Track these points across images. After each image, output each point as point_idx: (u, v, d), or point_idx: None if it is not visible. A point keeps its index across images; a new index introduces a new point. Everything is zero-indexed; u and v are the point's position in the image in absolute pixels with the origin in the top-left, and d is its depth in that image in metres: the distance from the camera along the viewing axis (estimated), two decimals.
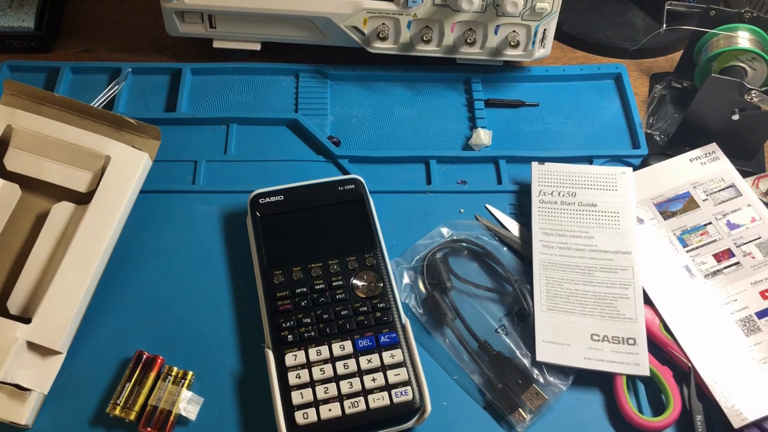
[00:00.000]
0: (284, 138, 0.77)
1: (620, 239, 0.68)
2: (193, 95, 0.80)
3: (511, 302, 0.66)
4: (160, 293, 0.66)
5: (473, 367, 0.62)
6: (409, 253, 0.68)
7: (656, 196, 0.72)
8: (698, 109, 0.73)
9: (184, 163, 0.74)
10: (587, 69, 0.84)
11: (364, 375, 0.59)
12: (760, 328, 0.64)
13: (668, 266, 0.68)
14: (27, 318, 0.59)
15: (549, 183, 0.72)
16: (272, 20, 0.79)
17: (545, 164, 0.73)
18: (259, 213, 0.67)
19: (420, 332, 0.64)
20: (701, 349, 0.63)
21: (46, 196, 0.67)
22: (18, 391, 0.57)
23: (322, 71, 0.82)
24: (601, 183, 0.71)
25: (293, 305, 0.62)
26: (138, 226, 0.68)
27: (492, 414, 0.61)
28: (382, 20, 0.77)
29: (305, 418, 0.57)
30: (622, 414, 0.60)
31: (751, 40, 0.74)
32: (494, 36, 0.78)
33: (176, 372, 0.60)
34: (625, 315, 0.64)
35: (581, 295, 0.65)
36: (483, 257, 0.69)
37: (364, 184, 0.69)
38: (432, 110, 0.81)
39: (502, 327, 0.64)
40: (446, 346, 0.64)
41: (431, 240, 0.69)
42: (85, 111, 0.67)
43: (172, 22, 0.80)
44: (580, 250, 0.67)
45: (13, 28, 0.83)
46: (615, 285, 0.65)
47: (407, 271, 0.67)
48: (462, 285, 0.67)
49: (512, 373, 0.61)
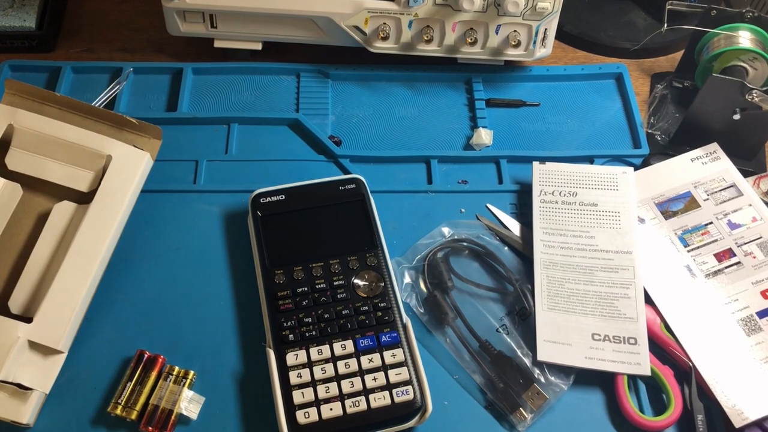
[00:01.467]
0: (285, 138, 0.77)
1: (621, 239, 0.68)
2: (194, 95, 0.80)
3: (512, 302, 0.66)
4: (161, 293, 0.66)
5: (474, 367, 0.62)
6: (410, 253, 0.68)
7: (657, 196, 0.72)
8: (699, 109, 0.73)
9: (186, 162, 0.74)
10: (588, 69, 0.84)
11: (365, 374, 0.59)
12: (761, 327, 0.64)
13: (669, 266, 0.67)
14: (28, 317, 0.59)
15: (550, 183, 0.72)
16: (273, 20, 0.79)
17: (546, 164, 0.73)
18: (260, 212, 0.67)
19: (421, 332, 0.64)
20: (702, 349, 0.63)
21: (48, 196, 0.67)
22: (19, 390, 0.57)
23: (323, 71, 0.82)
24: (602, 183, 0.71)
25: (294, 305, 0.62)
26: (139, 225, 0.68)
27: (493, 413, 0.61)
28: (383, 20, 0.77)
29: (306, 418, 0.57)
30: (624, 413, 0.60)
31: (752, 40, 0.74)
32: (495, 36, 0.78)
33: (177, 371, 0.60)
34: (626, 314, 0.64)
35: (582, 295, 0.65)
36: (484, 257, 0.69)
37: (365, 184, 0.69)
38: (433, 110, 0.81)
39: (503, 326, 0.64)
40: (447, 345, 0.64)
41: (432, 240, 0.69)
42: (87, 110, 0.67)
43: (174, 21, 0.80)
44: (581, 249, 0.67)
45: (15, 27, 0.83)
46: (616, 284, 0.65)
47: (408, 270, 0.67)
48: (463, 285, 0.67)
49: (513, 372, 0.61)
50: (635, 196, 0.70)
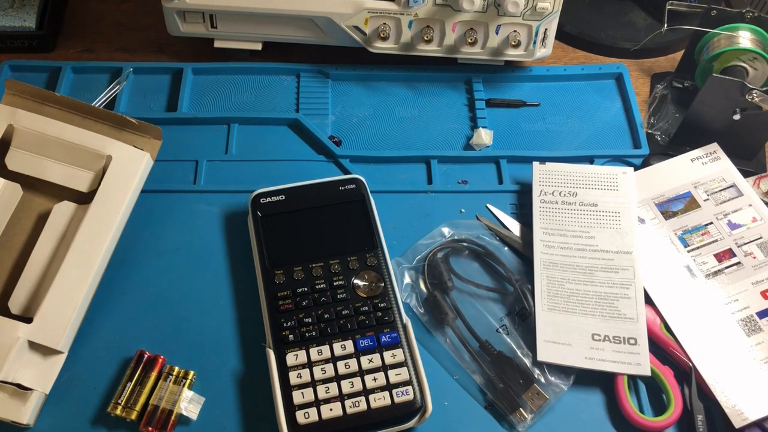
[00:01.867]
0: (285, 138, 0.77)
1: (621, 239, 0.68)
2: (194, 95, 0.80)
3: (512, 302, 0.66)
4: (161, 293, 0.66)
5: (474, 367, 0.62)
6: (410, 253, 0.68)
7: (657, 196, 0.72)
8: (699, 109, 0.73)
9: (186, 162, 0.74)
10: (588, 69, 0.84)
11: (365, 375, 0.59)
12: (761, 327, 0.64)
13: (669, 266, 0.67)
14: (28, 317, 0.59)
15: (550, 183, 0.72)
16: (273, 20, 0.79)
17: (546, 164, 0.73)
18: (260, 213, 0.67)
19: (421, 332, 0.64)
20: (702, 349, 0.63)
21: (48, 196, 0.67)
22: (19, 390, 0.57)
23: (323, 71, 0.82)
24: (603, 183, 0.71)
25: (294, 305, 0.62)
26: (139, 225, 0.68)
27: (493, 414, 0.61)
28: (383, 20, 0.77)
29: (306, 418, 0.57)
30: (623, 414, 0.60)
31: (752, 40, 0.74)
32: (495, 36, 0.78)
33: (177, 372, 0.60)
34: (626, 315, 0.64)
35: (582, 295, 0.65)
36: (484, 257, 0.69)
37: (365, 184, 0.69)
38: (433, 110, 0.81)
39: (503, 327, 0.64)
40: (447, 345, 0.64)
41: (432, 240, 0.69)
42: (87, 111, 0.67)
43: (174, 21, 0.80)
44: (581, 249, 0.67)
45: (15, 27, 0.83)
46: (616, 285, 0.65)
47: (408, 270, 0.67)
48: (463, 285, 0.67)
49: (513, 372, 0.61)
50: (635, 197, 0.70)
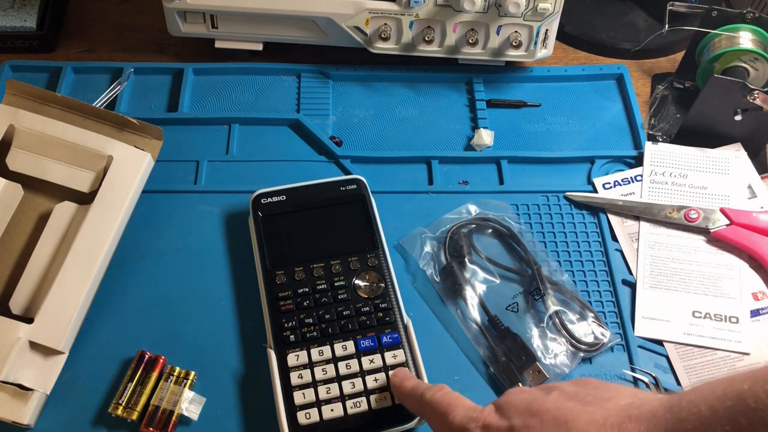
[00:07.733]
0: (286, 138, 0.77)
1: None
2: (195, 95, 0.80)
3: (528, 284, 0.66)
4: (162, 293, 0.66)
5: (480, 339, 0.63)
6: (435, 225, 0.69)
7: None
8: (700, 110, 0.73)
9: (186, 163, 0.74)
10: (589, 69, 0.84)
11: (366, 375, 0.59)
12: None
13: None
14: (29, 318, 0.59)
15: (661, 163, 0.73)
16: (274, 20, 0.79)
17: (659, 144, 0.74)
18: (261, 213, 0.67)
19: (435, 300, 0.66)
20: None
21: (49, 196, 0.67)
22: (20, 390, 0.57)
23: (323, 71, 0.82)
24: (714, 166, 0.73)
25: (295, 305, 0.62)
26: (140, 226, 0.68)
27: (495, 390, 0.61)
28: (384, 20, 0.77)
29: (307, 418, 0.57)
30: None
31: (753, 41, 0.74)
32: (496, 36, 0.78)
33: (178, 372, 0.60)
34: (729, 294, 0.65)
35: (686, 274, 0.67)
36: (507, 238, 0.69)
37: (365, 185, 0.69)
38: (434, 110, 0.81)
39: (514, 305, 0.65)
40: (457, 316, 0.65)
41: (458, 215, 0.70)
42: (87, 111, 0.67)
43: (174, 22, 0.80)
44: (687, 230, 0.69)
45: (15, 27, 0.83)
46: (721, 266, 0.67)
47: (430, 240, 0.68)
48: (482, 261, 0.68)
49: (517, 349, 0.62)
50: (745, 180, 0.71)
